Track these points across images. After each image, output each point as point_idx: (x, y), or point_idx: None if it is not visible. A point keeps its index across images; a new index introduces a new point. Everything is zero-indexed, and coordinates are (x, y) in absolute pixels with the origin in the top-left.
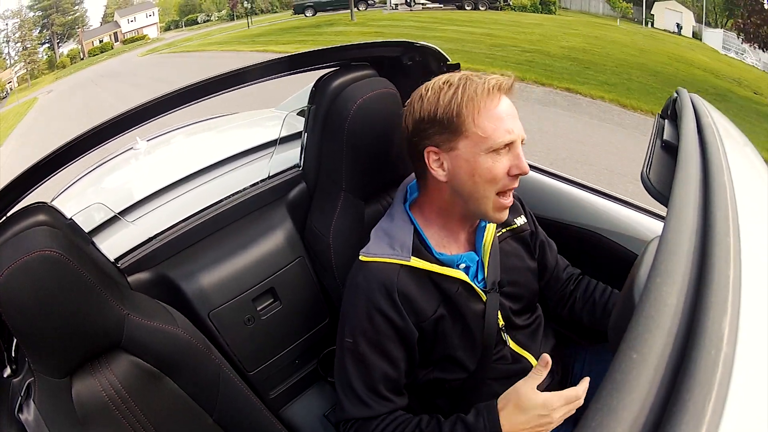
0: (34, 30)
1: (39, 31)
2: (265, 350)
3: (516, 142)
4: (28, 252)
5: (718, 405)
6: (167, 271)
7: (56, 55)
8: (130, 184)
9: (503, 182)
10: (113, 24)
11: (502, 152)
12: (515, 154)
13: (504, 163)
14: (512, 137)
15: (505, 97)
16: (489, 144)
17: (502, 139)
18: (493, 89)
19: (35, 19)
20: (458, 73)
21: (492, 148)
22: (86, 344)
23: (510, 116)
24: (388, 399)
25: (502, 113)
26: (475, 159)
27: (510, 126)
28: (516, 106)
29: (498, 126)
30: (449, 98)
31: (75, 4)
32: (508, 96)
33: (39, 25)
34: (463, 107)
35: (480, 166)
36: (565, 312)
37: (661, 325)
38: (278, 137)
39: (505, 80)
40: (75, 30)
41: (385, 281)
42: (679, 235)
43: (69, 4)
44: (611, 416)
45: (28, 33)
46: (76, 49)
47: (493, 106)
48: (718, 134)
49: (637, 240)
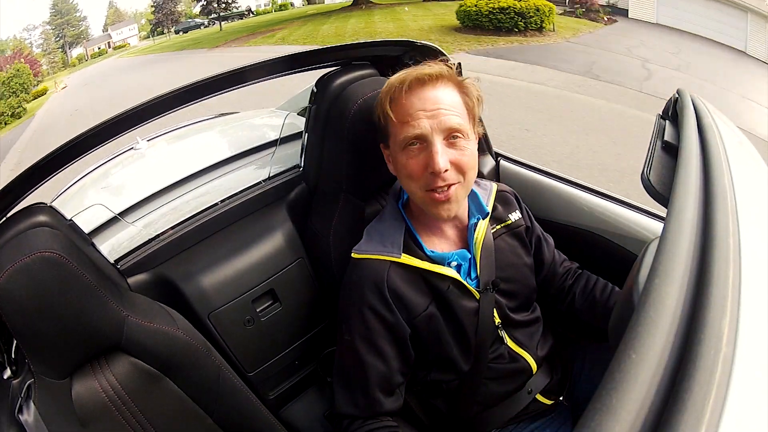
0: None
1: (55, 41)
2: (265, 351)
3: (427, 137)
4: (28, 253)
5: (718, 405)
6: (167, 273)
7: (68, 57)
8: (130, 184)
9: (424, 180)
10: (107, 35)
11: (414, 148)
12: (427, 151)
13: (419, 160)
14: (417, 131)
15: (429, 89)
16: (399, 140)
17: (406, 133)
18: (412, 83)
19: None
20: (408, 68)
21: (403, 143)
22: (86, 345)
23: (422, 109)
24: (378, 400)
25: (411, 107)
26: (396, 155)
27: (417, 120)
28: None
29: (407, 120)
30: (382, 96)
31: (80, 21)
32: (441, 86)
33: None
34: (387, 104)
35: (398, 162)
36: (564, 308)
37: (661, 325)
38: (279, 137)
39: (429, 71)
40: (81, 39)
41: (375, 278)
42: (679, 236)
43: (76, 21)
44: (611, 416)
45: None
46: (82, 53)
47: (404, 100)
48: (719, 135)
49: (637, 241)
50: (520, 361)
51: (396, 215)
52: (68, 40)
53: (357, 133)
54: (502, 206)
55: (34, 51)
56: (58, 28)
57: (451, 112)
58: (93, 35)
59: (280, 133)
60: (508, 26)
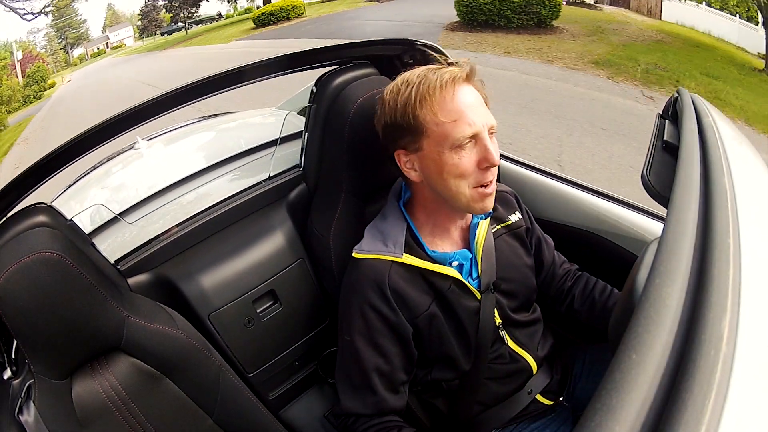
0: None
1: (58, 42)
2: (265, 352)
3: (480, 134)
4: (28, 253)
5: (718, 405)
6: (167, 273)
7: (70, 57)
8: (130, 184)
9: (474, 177)
10: (105, 36)
11: (467, 146)
12: (482, 146)
13: (471, 157)
14: (474, 129)
15: (464, 87)
16: (451, 141)
17: (462, 133)
18: (447, 83)
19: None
20: (418, 69)
21: (455, 144)
22: (86, 346)
23: (470, 107)
24: (382, 396)
25: (460, 106)
26: (441, 157)
27: (471, 118)
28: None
29: (457, 120)
30: (405, 100)
31: (81, 24)
32: (470, 84)
33: (58, 37)
34: (418, 107)
35: (446, 163)
36: (563, 309)
37: (661, 326)
38: (279, 137)
39: (459, 71)
40: (81, 40)
41: (376, 278)
42: (679, 236)
43: (77, 24)
44: (611, 416)
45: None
46: (83, 53)
47: (449, 101)
48: (719, 135)
49: (637, 241)
50: (520, 361)
51: (398, 214)
52: (70, 42)
53: (357, 132)
54: (503, 207)
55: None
56: (60, 30)
57: (486, 109)
58: (93, 36)
59: (280, 133)
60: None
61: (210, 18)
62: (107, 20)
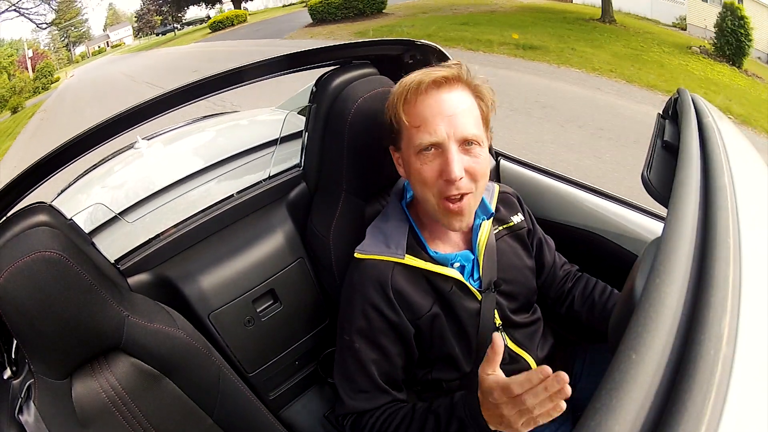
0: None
1: (61, 40)
2: (265, 352)
3: (443, 144)
4: (28, 253)
5: (718, 405)
6: (167, 273)
7: (72, 54)
8: (131, 184)
9: (438, 187)
10: (106, 35)
11: (430, 154)
12: (444, 158)
13: (434, 166)
14: (434, 139)
15: (441, 93)
16: (413, 146)
17: (421, 140)
18: (426, 87)
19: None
20: (422, 70)
21: (416, 149)
22: (86, 345)
23: (438, 115)
24: (386, 391)
25: (426, 112)
26: (409, 160)
27: (433, 126)
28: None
29: (420, 126)
30: (394, 97)
31: (83, 23)
32: (455, 90)
33: (61, 36)
34: (399, 106)
35: (411, 167)
36: (563, 310)
37: (661, 325)
38: (279, 137)
39: (438, 73)
40: (83, 39)
41: (379, 278)
42: (679, 236)
43: (80, 23)
44: (611, 416)
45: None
46: (84, 51)
47: (418, 105)
48: (719, 134)
49: (637, 241)
50: (520, 361)
51: (400, 215)
52: (72, 40)
53: (357, 132)
54: (505, 208)
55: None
56: (63, 30)
57: (467, 118)
58: (94, 35)
59: (280, 133)
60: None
61: (199, 20)
62: (108, 19)
